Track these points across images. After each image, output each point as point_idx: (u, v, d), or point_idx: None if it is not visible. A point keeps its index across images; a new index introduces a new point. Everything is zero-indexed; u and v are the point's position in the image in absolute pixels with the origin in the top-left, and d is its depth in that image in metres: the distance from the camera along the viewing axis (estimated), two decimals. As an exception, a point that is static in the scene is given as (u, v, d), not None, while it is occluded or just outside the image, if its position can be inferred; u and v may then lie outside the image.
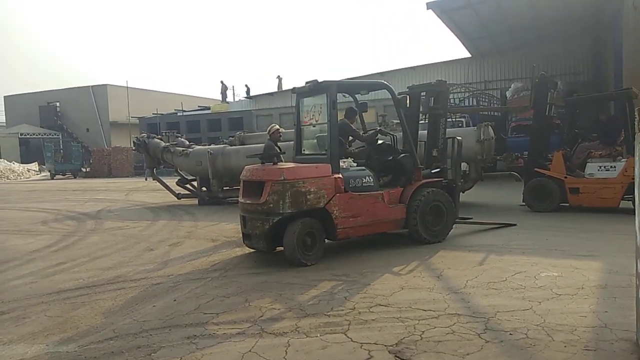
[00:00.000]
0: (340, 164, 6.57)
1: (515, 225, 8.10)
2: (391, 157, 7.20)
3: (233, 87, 44.60)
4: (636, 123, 3.19)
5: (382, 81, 7.48)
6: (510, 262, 5.74)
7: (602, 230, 7.46)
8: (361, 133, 7.48)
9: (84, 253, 7.45)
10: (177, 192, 14.37)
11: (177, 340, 3.79)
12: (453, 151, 7.87)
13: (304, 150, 7.43)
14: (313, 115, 7.16)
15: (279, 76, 34.92)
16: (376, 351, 3.43)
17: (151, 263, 6.57)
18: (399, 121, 7.61)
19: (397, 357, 3.33)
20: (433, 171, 7.49)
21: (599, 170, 9.05)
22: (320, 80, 6.65)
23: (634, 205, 3.66)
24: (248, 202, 6.30)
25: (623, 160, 8.74)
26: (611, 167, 8.90)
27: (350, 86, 8.01)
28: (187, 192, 14.45)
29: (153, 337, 3.90)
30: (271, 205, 5.95)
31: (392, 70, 27.65)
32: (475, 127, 10.98)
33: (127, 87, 41.68)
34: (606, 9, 17.83)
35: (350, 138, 7.47)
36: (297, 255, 5.94)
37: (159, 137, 15.29)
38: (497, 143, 11.51)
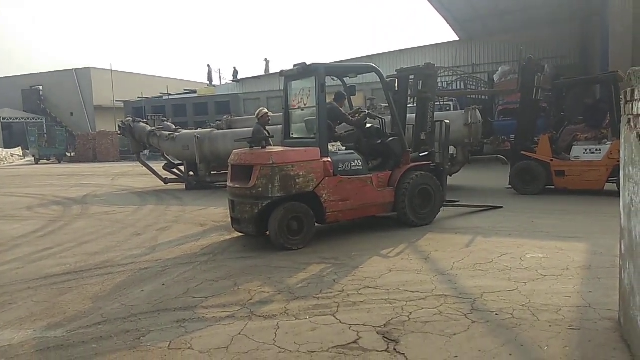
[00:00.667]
0: (329, 147, 6.56)
1: (501, 207, 8.18)
2: (380, 141, 7.20)
3: (219, 70, 43.97)
4: (622, 106, 3.21)
5: (371, 64, 7.43)
6: (496, 244, 5.81)
7: (587, 213, 7.56)
8: (350, 117, 7.45)
9: (71, 238, 7.39)
10: (164, 176, 14.26)
11: (166, 324, 3.79)
12: (441, 135, 7.89)
13: (292, 134, 7.39)
14: (301, 98, 7.11)
15: (266, 59, 34.72)
16: (365, 332, 3.47)
17: (139, 248, 6.54)
18: (387, 105, 7.60)
19: (385, 337, 3.37)
20: (421, 154, 7.51)
21: (584, 153, 9.14)
22: (308, 63, 6.59)
23: (618, 188, 3.71)
24: (237, 186, 6.27)
25: (608, 143, 8.84)
26: (596, 150, 9.00)
27: (339, 69, 7.96)
28: (174, 177, 14.34)
29: (142, 321, 3.90)
30: (260, 189, 5.94)
31: (380, 54, 27.53)
32: (463, 111, 11.01)
33: (111, 70, 41.01)
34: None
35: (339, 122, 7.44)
36: (280, 240, 5.95)
37: (145, 121, 15.08)
38: (484, 126, 11.56)
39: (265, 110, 8.58)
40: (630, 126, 2.98)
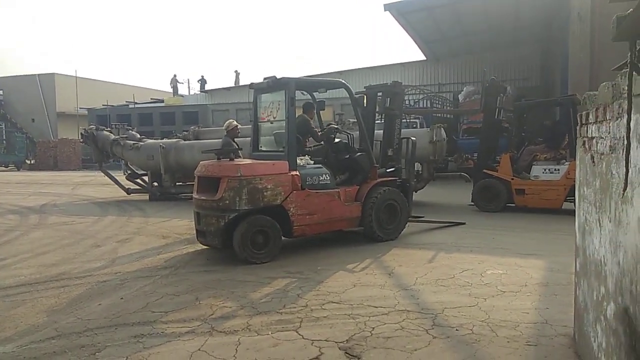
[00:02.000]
0: (297, 161, 6.56)
1: (464, 224, 8.34)
2: (348, 156, 7.26)
3: (188, 80, 43.44)
4: (578, 128, 3.34)
5: (341, 80, 7.53)
6: (458, 259, 5.91)
7: (546, 230, 7.79)
8: (318, 132, 7.49)
9: (27, 249, 7.11)
10: (126, 186, 13.94)
11: (123, 339, 3.68)
12: (407, 151, 8.03)
13: (261, 146, 7.37)
14: (271, 111, 7.11)
15: (236, 71, 34.54)
16: (327, 348, 3.45)
17: (98, 260, 6.35)
18: (355, 120, 7.69)
19: (347, 353, 3.37)
20: (388, 170, 7.60)
21: (543, 172, 9.44)
22: (278, 76, 6.61)
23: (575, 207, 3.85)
24: (203, 198, 6.19)
25: (566, 163, 9.15)
26: (555, 169, 9.31)
27: (309, 84, 8.01)
28: (138, 187, 14.05)
29: (98, 336, 3.77)
30: (227, 201, 5.88)
31: (350, 70, 27.87)
32: (429, 129, 11.24)
33: (76, 76, 40.02)
34: (555, 18, 18.65)
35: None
36: (243, 254, 5.91)
37: (109, 129, 14.76)
38: (448, 144, 11.82)
39: (235, 123, 8.57)
40: (585, 148, 3.11)
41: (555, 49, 20.47)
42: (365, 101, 7.72)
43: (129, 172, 14.34)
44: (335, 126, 7.78)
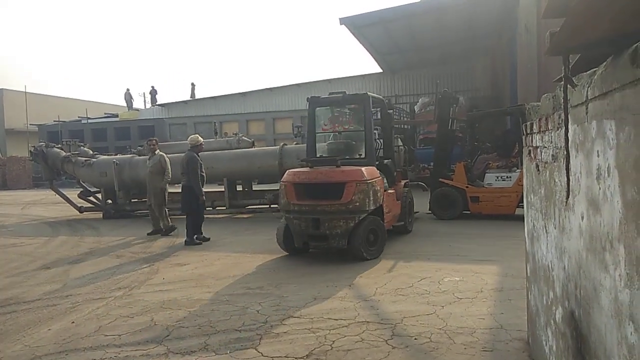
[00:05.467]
0: None
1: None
2: (377, 162, 7.81)
3: (144, 94, 42.57)
4: (523, 138, 3.46)
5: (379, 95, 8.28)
6: (417, 268, 5.99)
7: (500, 236, 8.01)
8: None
9: (-31, 274, 6.73)
10: (79, 205, 13.47)
11: (73, 367, 3.52)
12: None
13: (320, 154, 8.07)
14: (336, 122, 8.36)
15: (192, 83, 34.20)
16: (286, 364, 3.41)
17: (48, 283, 6.08)
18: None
19: (307, 369, 3.33)
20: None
21: (496, 180, 9.74)
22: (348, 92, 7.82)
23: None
24: (323, 203, 6.51)
25: (517, 170, 9.48)
26: (507, 177, 9.62)
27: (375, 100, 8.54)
28: (91, 205, 13.60)
29: (46, 364, 3.59)
30: (357, 203, 6.41)
31: (309, 82, 28.09)
32: (386, 139, 11.40)
33: (25, 92, 38.53)
34: (504, 31, 19.40)
35: None
36: (363, 252, 6.49)
37: (59, 146, 14.25)
38: (406, 154, 12.02)
39: (201, 139, 8.72)
40: (530, 157, 3.22)
41: (505, 60, 21.28)
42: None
43: (81, 189, 13.86)
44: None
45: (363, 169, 6.71)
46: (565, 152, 2.13)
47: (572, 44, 1.57)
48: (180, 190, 8.87)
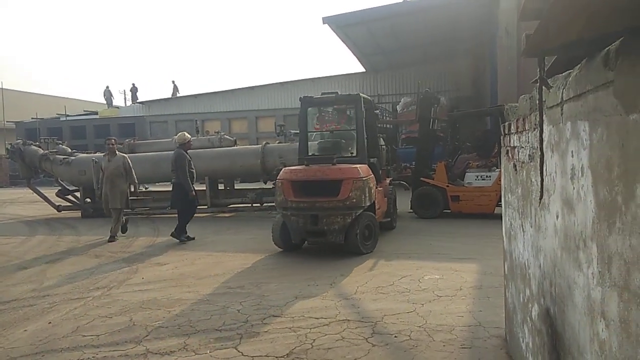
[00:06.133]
0: None
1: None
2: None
3: (125, 91, 41.93)
4: (502, 138, 3.51)
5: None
6: (397, 266, 6.03)
7: (480, 235, 8.11)
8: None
9: (-59, 275, 6.57)
10: (57, 203, 13.23)
11: (49, 368, 3.46)
12: None
13: (312, 152, 8.15)
14: (324, 122, 8.59)
15: (173, 81, 33.84)
16: (267, 364, 3.40)
17: (24, 283, 5.97)
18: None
19: (288, 368, 3.33)
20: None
21: (476, 179, 9.86)
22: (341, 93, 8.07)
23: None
24: (322, 200, 6.59)
25: (497, 170, 9.59)
26: (487, 176, 9.74)
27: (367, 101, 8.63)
28: (69, 204, 13.37)
29: (21, 366, 3.53)
30: (354, 200, 6.54)
31: (293, 81, 28.00)
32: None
33: (1, 88, 37.71)
34: (485, 33, 19.61)
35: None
36: (359, 246, 6.67)
37: (37, 143, 13.97)
38: (388, 153, 12.09)
39: (189, 137, 8.74)
40: (508, 157, 3.26)
41: (486, 62, 21.53)
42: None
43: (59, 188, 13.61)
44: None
45: (358, 166, 6.84)
46: (539, 153, 2.17)
47: (548, 46, 1.60)
48: (170, 188, 8.91)
